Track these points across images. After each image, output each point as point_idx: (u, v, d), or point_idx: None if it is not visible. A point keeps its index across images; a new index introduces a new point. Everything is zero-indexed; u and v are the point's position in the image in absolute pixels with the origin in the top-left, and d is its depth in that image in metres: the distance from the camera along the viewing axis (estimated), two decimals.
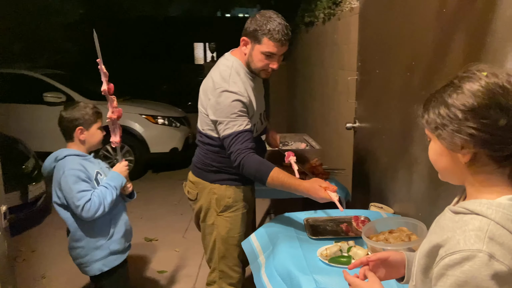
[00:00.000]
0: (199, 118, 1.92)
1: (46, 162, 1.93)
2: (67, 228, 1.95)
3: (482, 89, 0.78)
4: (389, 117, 2.03)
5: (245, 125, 1.75)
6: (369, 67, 2.28)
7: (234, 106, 1.74)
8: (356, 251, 1.47)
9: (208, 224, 1.94)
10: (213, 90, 1.78)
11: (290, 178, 1.70)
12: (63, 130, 1.94)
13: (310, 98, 5.00)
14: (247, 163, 1.70)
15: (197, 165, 1.95)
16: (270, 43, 1.75)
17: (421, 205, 1.71)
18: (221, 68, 1.82)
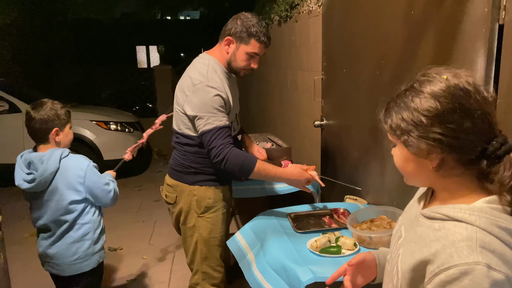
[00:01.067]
0: (175, 118, 1.91)
1: (46, 164, 1.81)
2: (63, 230, 1.92)
3: (444, 93, 0.78)
4: (358, 113, 2.14)
5: (225, 121, 1.77)
6: (335, 67, 2.39)
7: (214, 101, 1.75)
8: (344, 241, 1.54)
9: (189, 227, 1.92)
10: (191, 86, 1.78)
11: (274, 167, 1.80)
12: (36, 132, 1.86)
13: (267, 99, 5.08)
14: (232, 156, 1.72)
15: (175, 167, 1.93)
16: (257, 45, 1.84)
17: (395, 194, 1.82)
18: (198, 66, 1.83)
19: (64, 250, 1.93)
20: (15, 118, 4.98)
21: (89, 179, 1.89)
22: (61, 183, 1.86)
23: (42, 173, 1.82)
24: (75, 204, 1.90)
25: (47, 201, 1.89)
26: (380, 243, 1.53)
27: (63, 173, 1.86)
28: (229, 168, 1.75)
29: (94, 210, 1.98)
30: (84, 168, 1.89)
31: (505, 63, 1.23)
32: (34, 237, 3.79)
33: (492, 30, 1.25)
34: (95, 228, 1.98)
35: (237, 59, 1.84)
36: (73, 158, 1.91)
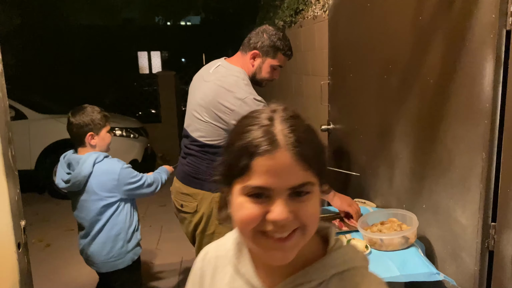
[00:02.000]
0: (205, 130, 1.88)
1: (80, 166, 1.98)
2: (97, 231, 2.07)
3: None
4: (366, 118, 2.17)
5: None
6: (342, 72, 2.42)
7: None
8: (356, 243, 1.56)
9: (208, 234, 1.94)
10: (237, 100, 1.78)
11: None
12: (74, 136, 2.05)
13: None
14: None
15: (195, 175, 1.93)
16: (282, 58, 1.95)
17: (404, 197, 1.84)
18: (233, 79, 1.84)
19: (98, 248, 2.08)
20: (21, 125, 5.02)
21: (122, 181, 2.05)
22: (96, 185, 2.01)
23: (76, 176, 1.98)
24: (108, 206, 2.05)
25: (83, 201, 2.05)
26: (391, 245, 1.55)
27: (97, 177, 2.01)
28: None
29: (126, 210, 2.11)
30: (117, 171, 2.03)
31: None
32: (41, 242, 3.83)
33: (499, 36, 1.28)
34: (127, 228, 2.11)
35: (262, 71, 1.93)
36: (106, 162, 2.05)
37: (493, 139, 1.34)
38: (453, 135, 1.50)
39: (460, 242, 1.50)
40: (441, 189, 1.59)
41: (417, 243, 1.63)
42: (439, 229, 1.63)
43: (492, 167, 1.36)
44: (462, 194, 1.48)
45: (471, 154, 1.42)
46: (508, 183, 1.31)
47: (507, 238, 1.33)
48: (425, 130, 1.67)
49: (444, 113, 1.54)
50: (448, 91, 1.51)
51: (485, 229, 1.40)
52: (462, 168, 1.47)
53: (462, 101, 1.45)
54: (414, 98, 1.73)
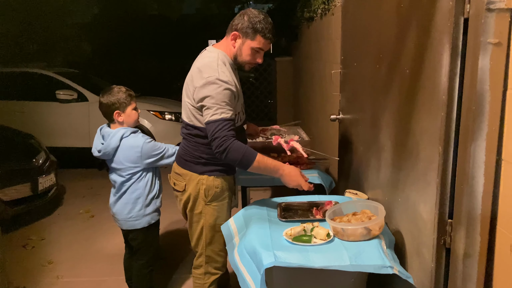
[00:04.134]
0: (185, 111, 2.01)
1: (109, 140, 2.27)
2: (119, 192, 2.38)
3: None
4: (363, 108, 2.13)
5: (231, 115, 1.85)
6: (349, 61, 2.38)
7: (224, 94, 1.83)
8: (318, 231, 1.58)
9: (196, 213, 2.06)
10: (201, 79, 1.86)
11: (273, 160, 1.88)
12: (104, 114, 2.34)
13: (310, 93, 5.09)
14: (234, 148, 1.79)
15: (185, 157, 2.05)
16: (262, 40, 1.93)
17: (387, 189, 1.81)
18: (207, 60, 1.93)
19: (121, 207, 2.39)
20: (83, 106, 5.54)
21: (145, 155, 2.30)
22: (122, 157, 2.30)
23: (106, 147, 2.29)
24: (133, 174, 2.34)
25: (114, 168, 2.36)
26: (353, 236, 1.55)
27: (123, 150, 2.30)
28: (229, 159, 1.83)
29: (148, 178, 2.37)
30: (140, 144, 2.29)
31: (470, 58, 1.20)
32: (88, 213, 4.24)
33: (456, 24, 1.22)
34: (146, 193, 2.37)
35: (242, 53, 1.95)
36: (132, 137, 2.32)
37: (449, 132, 1.29)
38: (421, 128, 1.45)
39: (423, 237, 1.46)
40: (410, 182, 1.55)
41: (385, 235, 1.60)
42: (409, 224, 1.59)
43: (448, 162, 1.31)
44: (424, 188, 1.43)
45: (431, 147, 1.37)
46: (463, 179, 1.25)
47: (461, 235, 1.28)
48: (402, 122, 1.62)
49: (416, 105, 1.49)
50: (419, 82, 1.45)
51: (442, 225, 1.35)
52: (424, 161, 1.43)
53: (428, 93, 1.39)
54: (395, 88, 1.68)
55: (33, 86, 5.89)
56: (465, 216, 1.25)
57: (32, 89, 5.86)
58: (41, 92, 5.79)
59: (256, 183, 2.43)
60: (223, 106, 1.83)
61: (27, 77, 5.89)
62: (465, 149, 1.23)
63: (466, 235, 1.26)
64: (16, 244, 3.49)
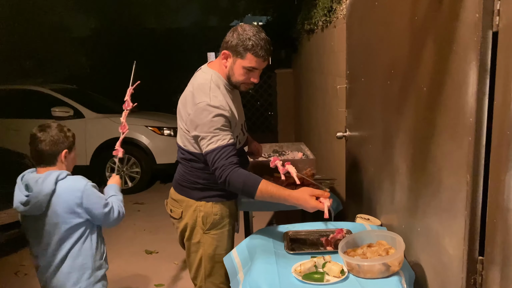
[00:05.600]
0: (180, 135, 1.89)
1: (41, 185, 1.74)
2: (60, 259, 1.82)
3: None
4: (373, 126, 1.99)
5: (228, 140, 1.73)
6: (356, 75, 2.25)
7: (216, 121, 1.72)
8: (331, 267, 1.42)
9: (194, 242, 1.91)
10: (193, 105, 1.75)
11: (279, 189, 1.68)
12: (44, 153, 1.81)
13: (312, 106, 4.96)
14: (233, 178, 1.67)
15: (181, 182, 1.92)
16: (253, 59, 1.76)
17: (403, 217, 1.66)
18: (200, 82, 1.81)
19: (63, 280, 1.83)
20: (79, 123, 5.41)
21: (87, 200, 1.79)
22: (59, 205, 1.77)
23: (36, 196, 1.73)
24: (73, 230, 1.81)
25: (44, 227, 1.78)
26: (370, 272, 1.39)
27: (60, 195, 1.76)
28: (232, 189, 1.72)
29: (92, 236, 1.87)
30: (81, 188, 1.78)
31: (501, 76, 1.06)
32: None
33: (484, 38, 1.08)
34: (93, 255, 1.87)
35: (235, 73, 1.79)
36: (70, 179, 1.81)
37: (478, 159, 1.14)
38: (443, 152, 1.31)
39: (448, 274, 1.31)
40: (432, 212, 1.40)
41: (405, 271, 1.45)
42: (431, 257, 1.44)
43: (477, 192, 1.16)
44: (449, 219, 1.28)
45: (457, 175, 1.22)
46: (496, 212, 1.10)
47: (495, 276, 1.13)
48: (420, 144, 1.48)
49: (436, 126, 1.35)
50: (439, 102, 1.31)
51: (472, 263, 1.20)
52: (450, 190, 1.28)
53: (450, 114, 1.25)
54: (410, 107, 1.54)
55: (28, 103, 5.77)
56: (500, 254, 1.10)
57: (28, 107, 5.74)
58: (36, 110, 5.65)
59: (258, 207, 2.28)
60: (217, 133, 1.70)
61: (22, 95, 5.78)
62: (498, 179, 1.08)
63: (502, 276, 1.11)
64: (8, 271, 3.32)
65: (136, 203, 4.92)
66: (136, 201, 5.00)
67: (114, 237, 3.96)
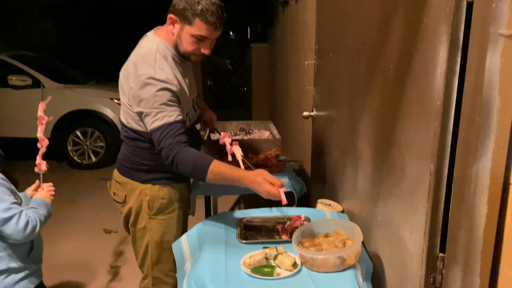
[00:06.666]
0: (122, 111, 1.71)
1: None
2: None
3: None
4: (339, 107, 1.86)
5: (176, 116, 1.55)
6: (324, 51, 2.10)
7: (161, 95, 1.54)
8: (283, 259, 1.30)
9: (139, 228, 1.76)
10: (136, 78, 1.57)
11: (232, 169, 1.51)
12: None
13: (285, 84, 4.80)
14: (182, 158, 1.50)
15: (125, 163, 1.75)
16: (203, 26, 1.55)
17: (365, 204, 1.55)
18: (144, 51, 1.61)
19: None
20: (37, 93, 5.08)
21: None
22: None
23: None
24: None
25: None
26: (324, 266, 1.28)
27: None
28: (181, 171, 1.54)
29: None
30: None
31: (474, 54, 0.93)
32: None
33: (457, 10, 0.94)
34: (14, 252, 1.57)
35: (183, 42, 1.59)
36: None
37: (443, 147, 1.02)
38: (407, 138, 1.19)
39: (407, 270, 1.21)
40: (393, 202, 1.29)
41: (362, 263, 1.35)
42: (390, 250, 1.34)
43: (441, 184, 1.05)
44: (410, 211, 1.18)
45: (420, 164, 1.11)
46: (461, 207, 0.99)
47: (456, 275, 1.03)
48: (385, 128, 1.35)
49: (402, 109, 1.22)
50: (405, 82, 1.18)
51: (431, 260, 1.10)
52: (411, 180, 1.16)
53: (417, 96, 1.12)
54: (377, 86, 1.41)
55: None
56: (462, 253, 1.00)
57: None
58: None
59: (215, 191, 2.13)
60: (162, 109, 1.52)
61: None
62: (464, 170, 0.97)
63: (463, 276, 1.01)
64: None
65: (100, 179, 4.71)
66: (100, 176, 4.79)
67: (72, 215, 3.79)
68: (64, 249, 3.17)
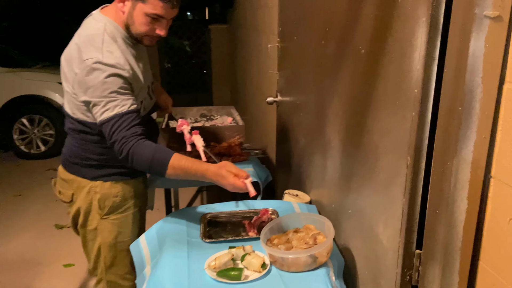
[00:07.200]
0: (66, 100, 1.52)
1: None
2: None
3: None
4: (305, 92, 1.77)
5: (129, 106, 1.40)
6: (288, 33, 1.99)
7: (111, 82, 1.37)
8: (251, 260, 1.21)
9: (90, 230, 1.61)
10: (80, 63, 1.39)
11: (195, 163, 1.38)
12: None
13: (247, 67, 4.67)
14: (138, 153, 1.35)
15: (71, 158, 1.58)
16: (158, 4, 1.40)
17: (334, 195, 1.48)
18: (90, 32, 1.43)
19: None
20: None
21: None
22: None
23: None
24: None
25: None
26: (295, 266, 1.20)
27: None
28: (138, 167, 1.40)
29: None
30: None
31: (455, 38, 0.85)
32: None
33: None
34: None
35: (135, 22, 1.43)
36: None
37: (421, 139, 0.95)
38: (381, 128, 1.11)
39: (381, 267, 1.15)
40: (366, 194, 1.22)
41: (333, 259, 1.28)
42: (363, 244, 1.28)
43: (418, 177, 0.98)
44: (384, 205, 1.11)
45: (395, 156, 1.03)
46: (439, 202, 0.93)
47: (434, 273, 0.98)
48: (355, 116, 1.28)
49: (375, 97, 1.14)
50: (379, 68, 1.10)
51: (408, 257, 1.04)
52: (386, 172, 1.10)
53: (391, 83, 1.04)
54: (346, 72, 1.32)
55: None
56: (441, 249, 0.95)
57: None
58: None
59: (174, 184, 1.99)
60: (113, 98, 1.36)
61: None
62: (444, 163, 0.90)
63: (442, 273, 0.96)
64: None
65: (49, 169, 4.41)
66: (50, 166, 4.48)
67: (20, 210, 3.53)
68: (11, 247, 2.94)
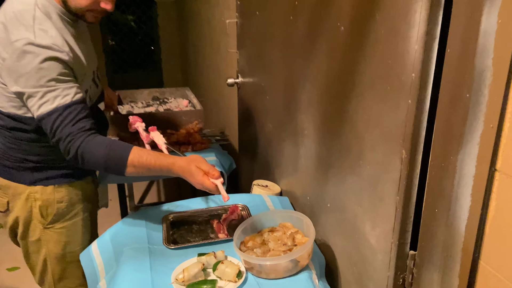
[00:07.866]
0: None
1: None
2: None
3: None
4: (272, 73, 1.62)
5: (73, 95, 1.17)
6: (248, 7, 1.81)
7: (48, 68, 1.14)
8: (224, 270, 1.07)
9: (32, 241, 1.39)
10: (8, 45, 1.14)
11: (159, 156, 1.19)
12: None
13: (199, 44, 4.41)
14: (89, 151, 1.15)
15: (3, 161, 1.33)
16: None
17: (309, 187, 1.36)
18: (17, 9, 1.18)
19: None
20: None
21: None
22: None
23: None
24: None
25: None
26: (274, 272, 1.08)
27: None
28: (89, 167, 1.20)
29: None
30: None
31: (461, 13, 0.73)
32: None
33: None
34: None
35: None
36: None
37: (418, 130, 0.84)
38: (366, 117, 0.99)
39: (369, 268, 1.05)
40: (347, 189, 1.11)
41: (315, 260, 1.17)
42: (344, 242, 1.18)
43: (414, 173, 0.87)
44: (372, 203, 1.00)
45: (387, 149, 0.92)
46: (439, 200, 0.83)
47: (432, 277, 0.89)
48: (333, 102, 1.14)
49: (357, 82, 1.01)
50: (362, 48, 0.96)
51: (401, 259, 0.94)
52: (374, 167, 0.98)
53: (378, 66, 0.92)
54: (321, 51, 1.18)
55: None
56: (439, 251, 0.86)
57: None
58: None
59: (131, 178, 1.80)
60: (52, 87, 1.14)
61: None
62: (446, 158, 0.79)
63: (440, 276, 0.87)
64: None
65: None
66: None
67: None
68: None
